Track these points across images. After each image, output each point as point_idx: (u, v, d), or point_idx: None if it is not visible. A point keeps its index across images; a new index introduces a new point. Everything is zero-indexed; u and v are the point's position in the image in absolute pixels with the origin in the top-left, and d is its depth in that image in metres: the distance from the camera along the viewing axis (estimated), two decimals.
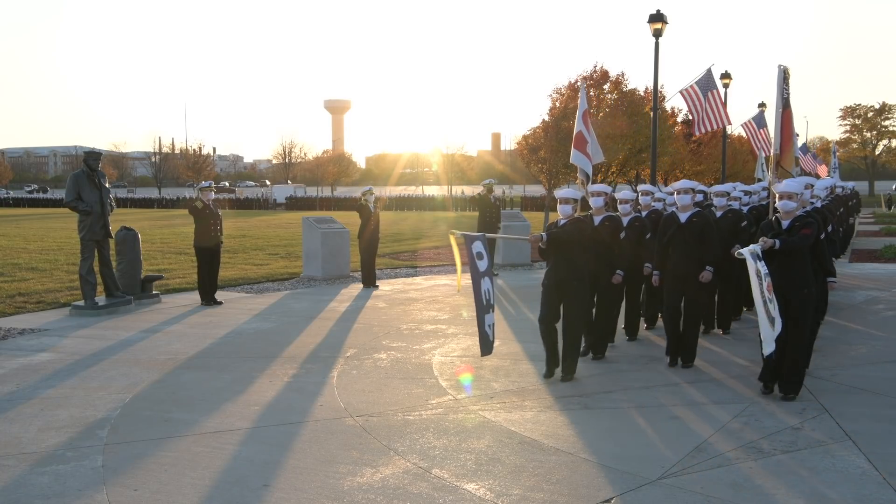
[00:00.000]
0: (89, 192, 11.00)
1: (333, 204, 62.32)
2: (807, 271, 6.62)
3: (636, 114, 39.99)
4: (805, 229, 6.57)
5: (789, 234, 6.60)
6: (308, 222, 15.81)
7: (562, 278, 7.18)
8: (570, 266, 7.18)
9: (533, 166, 44.56)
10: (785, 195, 6.77)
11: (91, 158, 11.28)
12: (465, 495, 4.79)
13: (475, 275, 6.73)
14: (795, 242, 6.50)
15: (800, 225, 6.65)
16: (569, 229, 7.15)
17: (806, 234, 6.53)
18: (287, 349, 8.75)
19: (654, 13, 20.42)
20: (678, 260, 7.85)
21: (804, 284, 6.60)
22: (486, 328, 6.72)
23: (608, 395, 6.91)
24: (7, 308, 11.46)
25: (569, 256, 7.17)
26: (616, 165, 40.41)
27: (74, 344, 9.04)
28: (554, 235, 7.10)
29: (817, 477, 5.03)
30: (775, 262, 6.49)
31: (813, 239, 6.58)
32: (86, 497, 4.76)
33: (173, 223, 34.14)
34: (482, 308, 6.71)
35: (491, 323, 6.83)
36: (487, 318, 6.76)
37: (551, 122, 43.21)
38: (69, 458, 5.39)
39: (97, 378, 7.53)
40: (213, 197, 12.60)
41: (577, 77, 43.63)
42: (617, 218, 8.40)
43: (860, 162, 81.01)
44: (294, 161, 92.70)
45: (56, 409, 6.51)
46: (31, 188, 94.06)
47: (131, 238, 12.16)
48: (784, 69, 9.48)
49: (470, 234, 6.87)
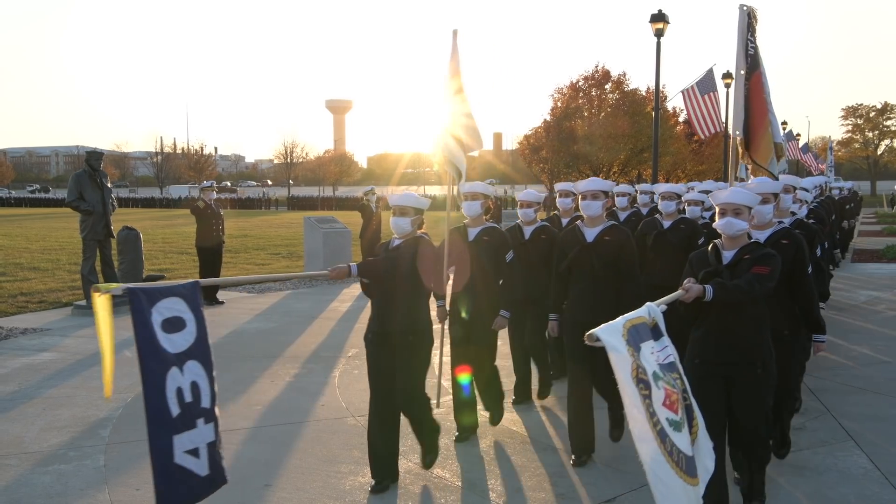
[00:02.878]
0: (91, 192, 11.01)
1: (335, 204, 62.31)
2: (761, 334, 4.24)
3: (638, 113, 39.99)
4: (760, 266, 4.12)
5: (733, 274, 4.16)
6: (310, 222, 15.83)
7: (384, 331, 4.87)
8: (397, 312, 4.83)
9: (534, 166, 44.57)
10: (729, 209, 4.24)
11: (93, 158, 11.30)
12: (467, 495, 4.79)
13: None
14: (741, 290, 4.02)
15: (751, 259, 4.17)
16: (391, 255, 4.85)
17: (760, 274, 4.09)
18: (289, 349, 8.75)
19: (655, 13, 20.42)
20: (661, 272, 6.32)
21: (757, 356, 4.19)
22: None
23: None
24: (9, 308, 11.47)
25: (394, 297, 4.83)
26: (617, 165, 40.43)
27: (76, 343, 9.05)
28: (365, 267, 4.70)
29: (819, 477, 5.03)
30: (710, 318, 4.19)
31: (772, 282, 4.14)
32: (88, 496, 4.76)
33: (175, 223, 34.17)
34: None
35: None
36: None
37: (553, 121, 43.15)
38: (71, 458, 5.39)
39: (99, 377, 7.49)
40: (215, 197, 12.62)
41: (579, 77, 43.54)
42: (498, 233, 5.79)
43: (862, 162, 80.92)
44: (296, 161, 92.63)
45: (58, 409, 6.52)
46: (33, 188, 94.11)
47: (133, 238, 12.17)
48: (749, 10, 6.84)
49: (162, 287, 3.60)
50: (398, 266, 4.76)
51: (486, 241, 5.70)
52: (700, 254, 4.49)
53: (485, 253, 5.67)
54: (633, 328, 3.07)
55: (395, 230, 4.95)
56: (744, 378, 4.20)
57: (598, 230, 5.31)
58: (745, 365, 4.20)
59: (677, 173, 42.98)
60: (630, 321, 3.06)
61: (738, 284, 4.04)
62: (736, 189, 4.38)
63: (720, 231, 4.29)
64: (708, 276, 4.13)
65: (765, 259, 4.16)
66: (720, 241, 4.37)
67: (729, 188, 4.46)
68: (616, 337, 2.94)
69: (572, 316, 5.32)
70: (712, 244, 4.39)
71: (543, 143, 42.14)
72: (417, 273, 4.84)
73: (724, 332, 4.19)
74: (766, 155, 6.85)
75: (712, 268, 4.23)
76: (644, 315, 3.19)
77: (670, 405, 3.06)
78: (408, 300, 4.86)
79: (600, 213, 5.34)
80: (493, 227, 5.79)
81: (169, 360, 3.39)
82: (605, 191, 5.39)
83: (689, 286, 3.91)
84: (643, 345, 3.06)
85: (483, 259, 5.66)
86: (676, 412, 3.07)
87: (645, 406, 2.91)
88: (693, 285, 3.92)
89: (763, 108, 6.92)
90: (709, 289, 3.94)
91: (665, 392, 3.04)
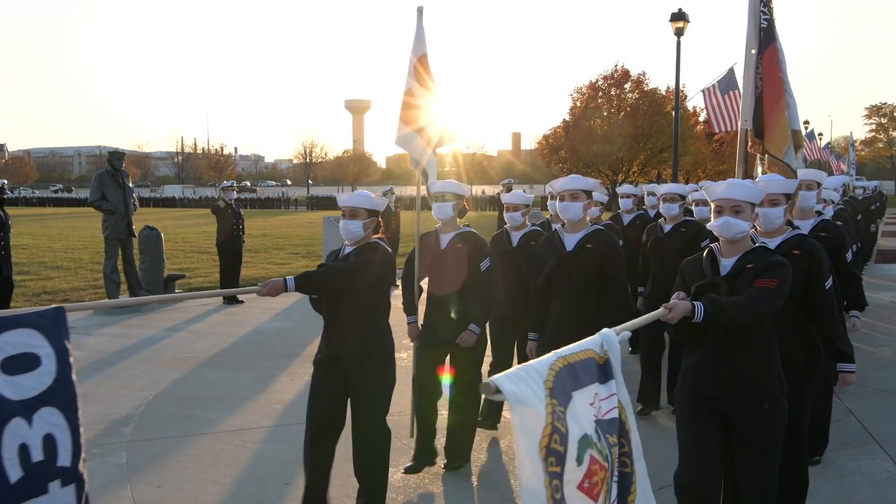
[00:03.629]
0: (113, 192, 11.12)
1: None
2: (769, 362, 3.44)
3: (657, 113, 39.78)
4: (765, 277, 3.32)
5: (733, 287, 3.37)
6: (329, 222, 15.86)
7: (334, 354, 4.26)
8: (350, 333, 4.21)
9: (553, 166, 44.47)
10: (727, 206, 3.41)
11: (115, 158, 11.42)
12: (486, 495, 4.78)
13: None
14: (741, 309, 3.22)
15: (755, 268, 3.36)
16: (337, 265, 4.23)
17: (766, 288, 3.29)
18: (308, 348, 8.78)
19: (675, 12, 20.31)
20: (662, 282, 5.76)
21: (763, 390, 3.41)
22: None
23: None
24: (33, 306, 11.60)
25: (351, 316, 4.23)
26: (637, 165, 40.24)
27: (99, 342, 9.14)
28: (305, 280, 4.11)
29: (842, 480, 4.97)
30: (706, 343, 3.45)
31: (781, 298, 3.34)
32: (111, 493, 4.81)
33: (195, 222, 34.41)
34: None
35: None
36: None
37: (572, 121, 43.00)
38: (94, 455, 5.44)
39: (121, 376, 7.61)
40: (235, 196, 12.70)
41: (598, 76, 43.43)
42: (473, 238, 5.07)
43: (886, 161, 79.97)
44: (315, 161, 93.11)
45: (81, 406, 6.57)
46: (56, 188, 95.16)
47: (154, 237, 12.27)
48: None
49: None
50: (349, 278, 4.13)
51: (458, 249, 4.98)
52: (693, 261, 3.64)
53: (457, 261, 4.96)
54: (569, 369, 2.14)
55: (345, 235, 4.28)
56: (746, 417, 3.40)
57: (579, 237, 4.62)
58: (749, 401, 3.40)
59: (697, 173, 42.71)
60: (566, 358, 2.15)
61: (738, 302, 3.24)
62: (735, 182, 3.61)
63: (716, 233, 3.49)
64: (702, 290, 3.36)
65: (772, 269, 3.34)
66: (717, 246, 3.54)
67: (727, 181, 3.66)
68: (531, 386, 1.99)
69: (549, 338, 4.57)
70: (707, 249, 3.57)
71: (563, 142, 42.06)
72: (375, 286, 4.24)
73: (723, 361, 3.41)
74: (780, 143, 5.83)
75: (707, 279, 3.43)
76: (593, 348, 2.30)
77: (589, 489, 2.11)
78: (363, 318, 4.21)
79: (581, 217, 4.61)
80: (467, 231, 5.08)
81: (7, 410, 2.54)
82: (587, 190, 4.62)
83: (674, 304, 3.16)
84: (579, 393, 2.16)
85: (456, 268, 4.95)
86: (596, 499, 2.15)
87: (549, 487, 1.96)
88: (678, 302, 3.18)
89: (778, 87, 5.83)
90: (699, 307, 3.17)
91: (587, 468, 2.11)
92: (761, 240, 3.90)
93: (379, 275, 4.22)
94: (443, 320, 5.01)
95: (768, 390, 3.42)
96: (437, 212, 5.07)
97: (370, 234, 4.29)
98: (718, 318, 3.21)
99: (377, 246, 4.26)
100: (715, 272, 3.45)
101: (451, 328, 4.96)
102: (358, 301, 4.18)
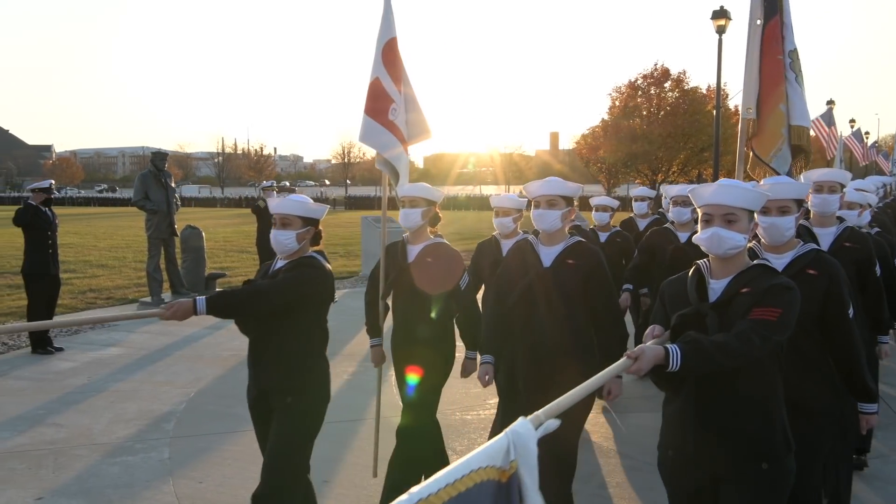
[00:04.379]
0: (156, 192, 11.32)
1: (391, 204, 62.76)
2: (770, 412, 2.69)
3: (698, 112, 39.34)
4: (765, 306, 2.58)
5: (723, 317, 2.64)
6: (367, 221, 15.98)
7: (262, 388, 3.69)
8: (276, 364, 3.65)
9: (592, 166, 44.18)
10: (716, 213, 2.69)
11: (158, 159, 11.64)
12: None
13: None
14: (731, 351, 2.50)
15: (752, 293, 2.64)
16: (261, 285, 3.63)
17: (765, 321, 2.55)
18: (346, 347, 8.84)
19: (717, 9, 20.05)
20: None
21: (762, 448, 2.67)
22: None
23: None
24: (79, 303, 11.87)
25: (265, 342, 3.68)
26: (677, 165, 39.79)
27: (142, 339, 9.31)
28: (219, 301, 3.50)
29: (889, 487, 4.87)
30: (688, 388, 2.70)
31: (785, 332, 2.59)
32: (153, 488, 4.89)
33: (235, 222, 34.84)
34: None
35: None
36: None
37: (611, 120, 42.73)
38: (137, 450, 5.55)
39: (163, 373, 7.74)
40: (275, 196, 12.83)
41: (638, 75, 43.10)
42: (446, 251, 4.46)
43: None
44: (353, 161, 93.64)
45: (125, 402, 6.72)
46: (101, 188, 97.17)
47: (196, 236, 12.47)
48: None
49: None
50: (272, 299, 3.48)
51: (429, 263, 4.34)
52: (676, 283, 2.87)
53: (425, 277, 4.31)
54: (457, 502, 1.33)
55: (276, 247, 3.68)
56: (738, 481, 2.66)
57: (557, 250, 3.86)
58: (744, 461, 2.65)
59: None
60: (454, 486, 1.33)
61: (726, 341, 2.49)
62: (727, 183, 2.76)
63: (704, 249, 2.73)
64: (684, 323, 2.65)
65: (773, 295, 2.59)
66: (706, 264, 2.80)
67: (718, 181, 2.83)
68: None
69: (520, 369, 3.87)
70: (694, 267, 2.81)
71: (601, 142, 41.76)
72: (307, 309, 3.60)
73: (710, 412, 2.67)
74: (768, 143, 4.71)
75: (691, 307, 2.68)
76: (492, 464, 1.44)
77: None
78: (291, 348, 3.59)
79: (560, 227, 3.86)
80: (439, 243, 4.44)
81: None
82: (567, 196, 3.87)
83: (640, 351, 2.43)
84: None
85: (424, 285, 4.30)
86: None
87: None
88: (646, 349, 2.44)
89: (776, 72, 4.71)
90: (674, 353, 2.43)
91: None
92: (766, 255, 3.25)
93: (311, 295, 3.59)
94: (409, 343, 4.41)
95: (769, 447, 2.66)
96: (404, 219, 4.42)
97: (306, 246, 3.71)
98: (700, 365, 2.49)
99: (312, 261, 3.64)
100: (702, 297, 2.71)
101: (418, 352, 4.34)
102: (286, 326, 3.57)
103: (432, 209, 4.49)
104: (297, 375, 3.61)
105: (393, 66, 4.81)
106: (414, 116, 4.97)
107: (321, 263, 3.67)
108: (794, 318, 2.62)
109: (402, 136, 4.86)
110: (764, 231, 3.27)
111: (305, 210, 3.66)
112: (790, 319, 2.60)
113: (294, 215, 3.63)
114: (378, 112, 4.75)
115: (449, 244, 4.52)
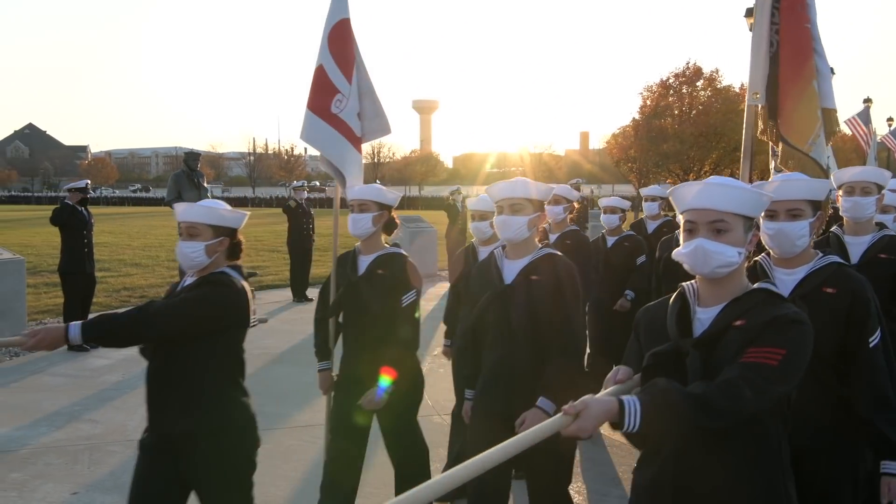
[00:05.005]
0: (189, 192, 11.46)
1: (421, 203, 62.94)
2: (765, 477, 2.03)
3: (731, 111, 38.89)
4: (763, 347, 1.94)
5: (709, 358, 2.02)
6: None
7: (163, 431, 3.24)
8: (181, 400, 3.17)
9: (623, 165, 43.90)
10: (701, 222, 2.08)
11: (190, 159, 11.76)
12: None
13: None
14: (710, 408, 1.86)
15: (748, 327, 2.00)
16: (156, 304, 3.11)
17: (763, 364, 1.91)
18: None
19: (750, 7, 19.81)
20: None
21: None
22: None
23: None
24: (113, 301, 12.06)
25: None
26: (709, 165, 39.38)
27: None
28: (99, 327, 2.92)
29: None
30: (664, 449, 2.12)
31: (790, 382, 1.95)
32: None
33: (266, 221, 35.14)
34: None
35: None
36: None
37: (642, 120, 42.42)
38: None
39: None
40: (306, 196, 12.93)
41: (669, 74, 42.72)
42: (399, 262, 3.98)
43: None
44: (383, 161, 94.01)
45: None
46: (135, 187, 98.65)
47: None
48: None
49: None
50: (166, 323, 2.93)
51: (380, 276, 3.89)
52: (655, 310, 2.27)
53: (375, 291, 3.85)
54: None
55: (181, 261, 3.12)
56: None
57: (522, 264, 3.31)
58: None
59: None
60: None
61: (705, 395, 1.88)
62: (717, 181, 2.12)
63: (687, 267, 2.11)
64: (660, 363, 2.04)
65: (775, 331, 1.97)
66: (692, 287, 2.19)
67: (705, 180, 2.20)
68: None
69: (482, 402, 3.41)
70: (678, 291, 2.21)
71: (632, 142, 41.46)
72: (215, 335, 3.03)
73: (691, 477, 2.06)
74: (805, 128, 3.92)
75: (669, 343, 2.07)
76: None
77: None
78: (199, 380, 3.03)
79: (526, 237, 3.29)
80: (394, 253, 3.97)
81: None
82: (534, 199, 3.28)
83: (583, 404, 1.86)
84: None
85: (372, 300, 3.86)
86: None
87: None
88: (591, 402, 1.87)
89: (804, 43, 3.91)
90: (631, 407, 1.86)
91: None
92: (775, 271, 2.72)
93: (218, 318, 3.01)
94: (359, 366, 3.98)
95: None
96: (353, 226, 3.94)
97: (220, 259, 3.12)
98: (666, 424, 1.88)
99: (222, 277, 3.05)
100: (683, 331, 2.09)
101: (368, 379, 3.89)
102: (192, 355, 3.01)
103: (386, 214, 3.99)
104: (209, 413, 3.04)
105: (342, 52, 4.23)
106: (369, 107, 4.40)
107: (231, 280, 3.06)
108: (802, 362, 1.98)
109: (351, 130, 4.29)
110: (770, 240, 2.69)
111: (215, 218, 3.06)
112: (798, 364, 1.96)
113: (202, 223, 3.04)
114: (319, 106, 4.26)
115: (405, 254, 4.02)
